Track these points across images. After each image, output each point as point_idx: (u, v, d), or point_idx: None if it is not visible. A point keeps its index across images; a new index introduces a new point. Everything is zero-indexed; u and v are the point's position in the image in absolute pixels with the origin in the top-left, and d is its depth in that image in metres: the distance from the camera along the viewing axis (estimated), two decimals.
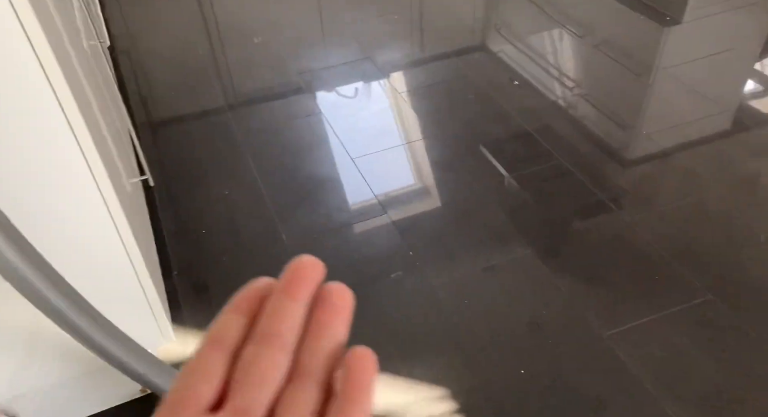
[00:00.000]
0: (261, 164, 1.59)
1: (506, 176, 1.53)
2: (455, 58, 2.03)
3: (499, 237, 1.34)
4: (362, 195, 1.49)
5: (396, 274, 1.27)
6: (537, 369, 1.06)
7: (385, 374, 1.07)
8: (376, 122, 1.75)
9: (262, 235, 1.38)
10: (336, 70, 1.98)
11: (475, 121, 1.73)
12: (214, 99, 1.86)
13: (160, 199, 1.49)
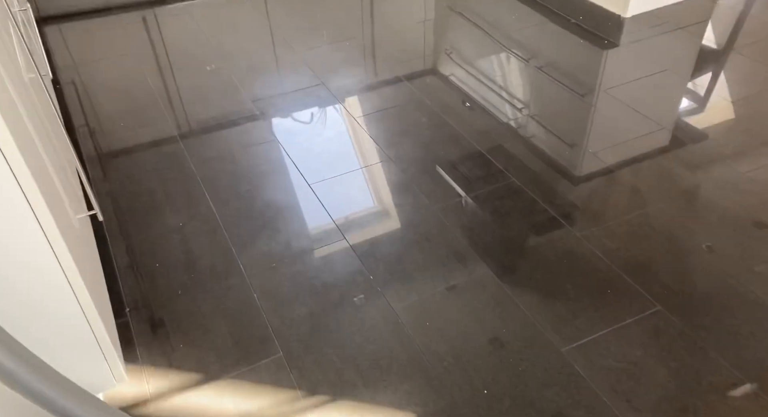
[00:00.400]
0: (216, 194, 1.56)
1: (462, 197, 1.56)
2: (407, 82, 2.08)
3: (458, 257, 1.36)
4: (320, 220, 1.49)
5: (357, 298, 1.26)
6: (499, 388, 1.07)
7: (348, 402, 1.05)
8: (332, 147, 1.76)
9: (219, 267, 1.35)
10: (290, 96, 1.99)
11: (430, 144, 1.76)
12: (165, 128, 1.83)
13: (111, 234, 1.44)
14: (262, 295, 1.28)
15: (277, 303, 1.26)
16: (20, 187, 0.76)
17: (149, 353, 1.15)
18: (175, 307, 1.25)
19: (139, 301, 1.27)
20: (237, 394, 1.08)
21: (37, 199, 0.79)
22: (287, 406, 1.06)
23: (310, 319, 1.22)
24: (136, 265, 1.36)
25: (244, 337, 1.19)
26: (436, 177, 1.63)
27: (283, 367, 1.12)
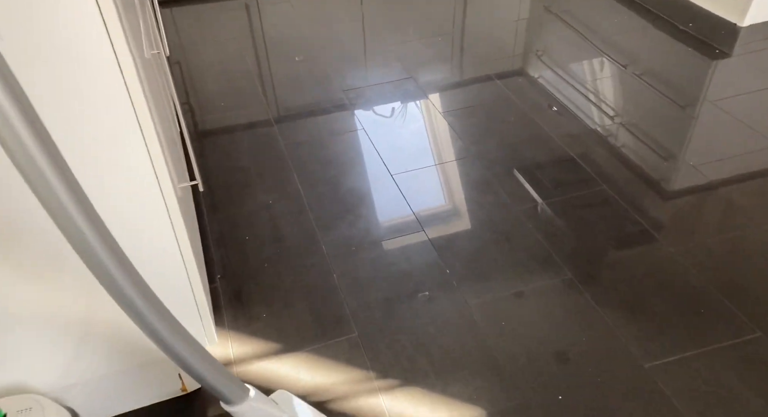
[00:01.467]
0: (304, 176, 1.63)
1: (545, 200, 1.53)
2: (495, 81, 2.06)
3: (539, 260, 1.34)
4: (400, 211, 1.52)
5: (432, 290, 1.28)
6: (575, 396, 1.05)
7: (419, 389, 1.07)
8: (416, 140, 1.79)
9: (302, 245, 1.41)
10: (379, 88, 2.03)
11: (516, 144, 1.74)
12: (261, 111, 1.93)
13: (207, 205, 1.54)
14: (340, 277, 1.33)
15: (355, 285, 1.30)
16: (148, 152, 0.83)
17: (235, 320, 1.23)
18: (260, 279, 1.32)
19: (228, 271, 1.35)
20: (312, 368, 1.13)
21: (160, 164, 0.86)
22: (359, 385, 1.09)
23: (386, 304, 1.25)
24: (228, 236, 1.45)
25: (321, 314, 1.24)
26: (520, 178, 1.61)
27: (357, 347, 1.16)
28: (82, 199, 0.54)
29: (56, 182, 0.51)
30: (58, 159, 0.51)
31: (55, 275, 0.84)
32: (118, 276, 0.58)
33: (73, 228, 0.53)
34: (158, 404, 1.06)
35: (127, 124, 0.79)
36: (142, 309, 0.61)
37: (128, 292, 0.59)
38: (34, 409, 0.83)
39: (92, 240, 0.55)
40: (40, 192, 0.51)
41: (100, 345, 0.94)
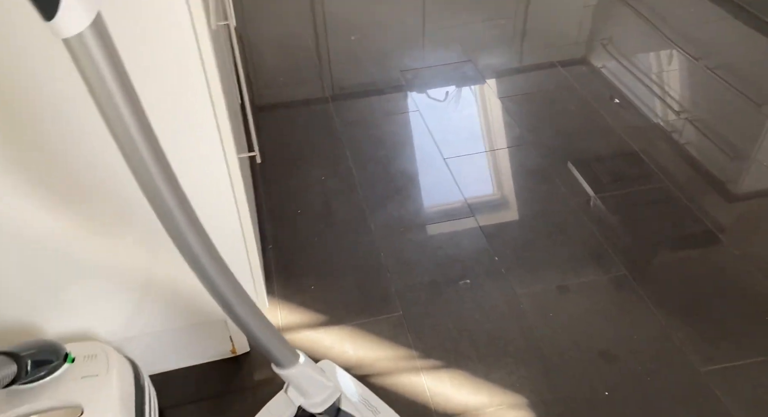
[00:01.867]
0: (357, 155, 1.64)
1: (603, 194, 1.49)
2: (557, 68, 2.00)
3: (593, 254, 1.31)
4: (451, 195, 1.50)
5: (480, 276, 1.27)
6: (622, 393, 1.03)
7: (461, 372, 1.08)
8: (471, 125, 1.76)
9: (352, 222, 1.43)
10: (437, 70, 2.01)
11: (575, 133, 1.69)
12: (318, 88, 1.94)
13: (261, 177, 1.57)
14: (387, 256, 1.33)
15: (401, 266, 1.31)
16: (216, 120, 0.86)
17: (284, 289, 1.26)
18: (310, 252, 1.35)
19: (278, 242, 1.38)
20: (356, 342, 1.15)
21: (226, 133, 0.88)
22: (402, 362, 1.11)
23: (431, 287, 1.25)
24: (280, 209, 1.48)
25: (367, 291, 1.25)
26: (578, 168, 1.57)
27: (401, 325, 1.17)
28: (162, 159, 0.56)
29: (140, 139, 0.53)
30: (142, 117, 0.53)
31: (122, 232, 0.88)
32: (190, 236, 0.61)
33: (154, 185, 0.56)
34: (209, 364, 1.10)
35: (199, 93, 0.81)
36: (209, 269, 0.64)
37: (198, 251, 0.62)
38: (99, 356, 0.88)
39: (170, 199, 0.57)
40: (127, 148, 0.53)
41: (159, 302, 0.99)
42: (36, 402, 0.81)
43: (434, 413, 1.01)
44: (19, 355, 0.77)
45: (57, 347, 0.85)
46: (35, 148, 0.76)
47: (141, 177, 0.55)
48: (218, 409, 1.03)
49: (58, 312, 0.91)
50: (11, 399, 0.81)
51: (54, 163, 0.78)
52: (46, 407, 0.80)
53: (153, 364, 1.05)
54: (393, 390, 1.05)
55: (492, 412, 1.01)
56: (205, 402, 1.04)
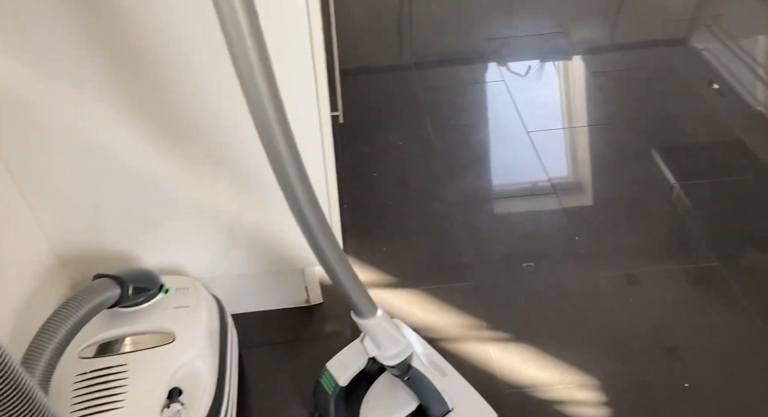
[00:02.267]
0: (436, 122, 1.62)
1: (697, 181, 1.39)
2: (656, 47, 1.86)
3: (681, 243, 1.24)
4: (532, 169, 1.46)
5: (557, 254, 1.23)
6: (706, 385, 0.98)
7: (529, 347, 1.06)
8: (559, 99, 1.69)
9: (427, 190, 1.42)
10: (526, 40, 1.93)
11: (674, 116, 1.59)
12: (402, 53, 1.92)
13: (342, 137, 1.59)
14: (462, 225, 1.32)
15: (476, 236, 1.29)
16: (315, 75, 0.86)
17: (357, 248, 1.28)
18: (384, 214, 1.36)
19: (354, 202, 1.40)
20: (426, 306, 1.16)
21: (322, 90, 0.89)
22: (470, 331, 1.10)
23: (506, 260, 1.23)
24: (357, 170, 1.49)
25: (440, 258, 1.25)
26: (671, 152, 1.47)
27: (471, 295, 1.17)
28: (280, 106, 0.57)
29: (264, 84, 0.54)
30: (268, 63, 0.55)
31: (216, 175, 0.92)
32: (296, 181, 0.62)
33: (270, 130, 0.57)
34: (284, 310, 1.15)
35: (303, 47, 0.81)
36: (309, 214, 0.65)
37: (302, 196, 0.64)
38: (190, 290, 0.93)
39: (282, 144, 0.59)
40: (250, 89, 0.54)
41: (244, 246, 1.03)
42: (133, 325, 0.88)
43: (500, 383, 1.01)
44: (123, 279, 0.83)
45: (154, 277, 0.91)
46: (151, 85, 0.80)
47: (260, 121, 0.57)
48: (290, 353, 1.07)
49: (155, 246, 0.98)
50: (113, 320, 0.88)
51: (166, 101, 0.82)
52: (143, 330, 0.87)
53: (235, 304, 1.11)
54: (459, 356, 1.06)
55: (560, 389, 0.99)
56: (279, 346, 1.08)
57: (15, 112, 0.79)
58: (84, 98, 0.79)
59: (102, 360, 0.82)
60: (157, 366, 0.82)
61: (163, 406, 0.78)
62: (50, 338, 0.71)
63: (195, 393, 0.82)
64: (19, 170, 0.85)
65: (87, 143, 0.84)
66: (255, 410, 0.98)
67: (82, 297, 0.77)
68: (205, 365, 0.85)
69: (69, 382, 0.79)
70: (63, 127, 0.82)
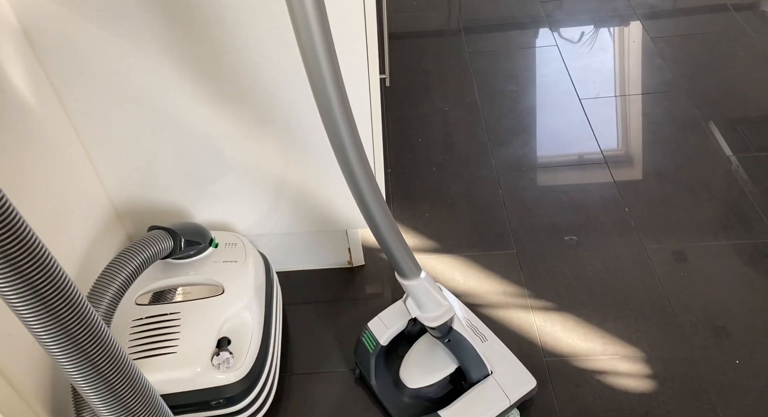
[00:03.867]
0: (484, 88, 1.58)
1: (762, 153, 1.31)
2: (720, 12, 1.74)
3: (740, 216, 1.18)
4: (583, 138, 1.41)
5: (605, 225, 1.20)
6: (756, 363, 0.95)
7: (573, 316, 1.05)
8: (616, 65, 1.61)
9: (472, 156, 1.39)
10: (582, 3, 1.83)
11: (736, 85, 1.49)
12: (451, 16, 1.86)
13: (387, 102, 1.58)
14: (506, 194, 1.30)
15: (520, 205, 1.27)
16: (366, 40, 0.85)
17: (400, 212, 1.28)
18: (428, 180, 1.35)
19: (397, 166, 1.40)
20: (467, 272, 1.15)
21: (373, 52, 0.88)
22: (512, 298, 1.10)
23: (551, 229, 1.21)
24: (402, 134, 1.48)
25: (482, 225, 1.24)
26: (736, 123, 1.39)
27: (514, 263, 1.15)
28: (337, 69, 0.57)
29: (320, 41, 0.54)
30: (327, 24, 0.54)
31: (263, 136, 0.93)
32: (350, 144, 0.62)
33: (325, 86, 0.57)
34: (327, 270, 1.17)
35: (355, 10, 0.80)
36: (360, 176, 0.65)
37: (354, 159, 0.64)
38: (238, 245, 0.96)
39: (338, 109, 0.59)
40: (307, 46, 0.54)
41: (289, 206, 1.05)
42: (185, 276, 0.91)
43: (542, 351, 1.00)
44: (176, 232, 0.86)
45: (205, 232, 0.94)
46: (205, 42, 0.80)
47: (315, 79, 0.57)
48: (332, 312, 1.09)
49: (206, 202, 1.00)
50: (166, 270, 0.92)
51: (221, 60, 0.82)
52: (194, 281, 0.90)
53: (280, 262, 1.14)
54: (500, 323, 1.06)
55: (604, 360, 0.98)
56: (321, 304, 1.11)
57: (79, 66, 0.81)
58: (143, 55, 0.81)
59: (157, 307, 0.86)
60: (207, 316, 0.85)
61: (213, 353, 0.82)
62: (109, 283, 0.75)
63: (242, 343, 0.85)
64: (81, 125, 0.88)
65: (144, 99, 0.86)
66: (297, 363, 1.02)
67: (138, 247, 0.80)
68: (252, 318, 0.88)
69: (126, 326, 0.84)
70: (122, 83, 0.84)
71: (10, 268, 0.45)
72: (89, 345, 0.52)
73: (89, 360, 0.53)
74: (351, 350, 1.00)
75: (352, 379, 0.99)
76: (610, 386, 0.95)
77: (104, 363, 0.54)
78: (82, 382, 0.55)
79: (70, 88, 0.84)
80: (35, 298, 0.47)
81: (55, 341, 0.50)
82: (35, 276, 0.46)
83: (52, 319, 0.49)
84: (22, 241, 0.45)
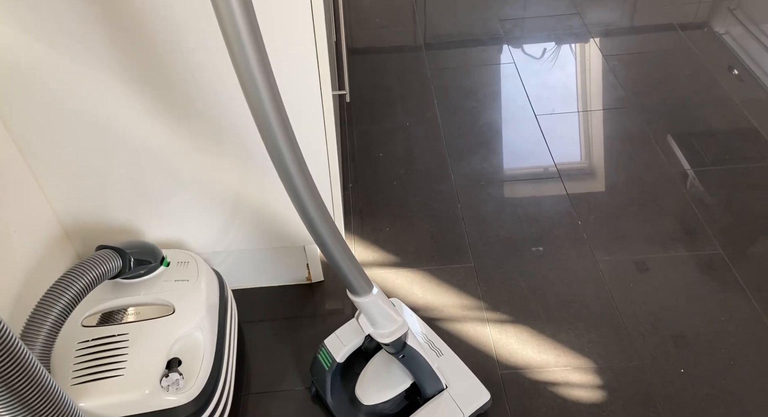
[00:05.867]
0: (445, 103, 1.61)
1: (709, 167, 1.37)
2: (674, 31, 1.82)
3: (686, 230, 1.22)
4: (538, 153, 1.45)
5: (558, 238, 1.23)
6: (700, 373, 0.98)
7: (527, 328, 1.06)
8: (570, 82, 1.66)
9: (432, 171, 1.42)
10: (540, 21, 1.89)
11: (684, 101, 1.55)
12: (412, 33, 1.90)
13: (348, 117, 1.59)
14: (465, 207, 1.32)
15: (478, 219, 1.29)
16: (317, 53, 0.86)
17: (360, 227, 1.29)
18: (388, 195, 1.36)
19: (359, 182, 1.41)
20: (426, 286, 1.16)
21: (324, 69, 0.88)
22: (469, 311, 1.11)
23: (507, 243, 1.23)
24: (363, 150, 1.49)
25: (441, 239, 1.25)
26: (684, 138, 1.45)
27: (472, 276, 1.17)
28: (273, 84, 0.57)
29: (256, 65, 0.54)
30: (260, 41, 0.55)
31: (219, 152, 0.92)
32: (290, 159, 0.63)
33: (262, 107, 0.58)
34: (285, 286, 1.16)
35: (304, 24, 0.81)
36: (303, 192, 0.66)
37: (295, 174, 0.64)
38: (190, 264, 0.95)
39: (275, 122, 0.59)
40: (242, 69, 0.55)
41: (245, 222, 1.04)
42: (135, 296, 0.90)
43: (497, 364, 1.01)
44: (125, 251, 0.85)
45: (155, 250, 0.92)
46: (154, 60, 0.80)
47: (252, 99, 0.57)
48: (290, 329, 1.09)
49: (158, 220, 0.99)
50: (114, 290, 0.90)
51: (170, 77, 0.82)
52: (143, 301, 0.89)
53: (236, 280, 1.13)
54: (457, 336, 1.07)
55: (556, 371, 1.00)
56: (279, 321, 1.10)
57: (22, 85, 0.80)
58: (91, 71, 0.80)
59: (104, 329, 0.84)
60: (156, 336, 0.84)
61: (162, 375, 0.80)
62: (53, 305, 0.73)
63: (193, 364, 0.84)
64: (25, 142, 0.86)
65: (93, 116, 0.85)
66: (254, 383, 1.00)
67: (85, 267, 0.79)
68: (204, 337, 0.87)
69: (72, 348, 0.82)
70: (69, 100, 0.82)
71: None
72: (22, 386, 0.51)
73: (21, 400, 0.51)
74: (308, 368, 1.00)
75: (308, 398, 0.98)
76: (562, 397, 0.96)
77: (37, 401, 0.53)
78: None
79: (12, 106, 0.82)
80: None
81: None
82: None
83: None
84: None
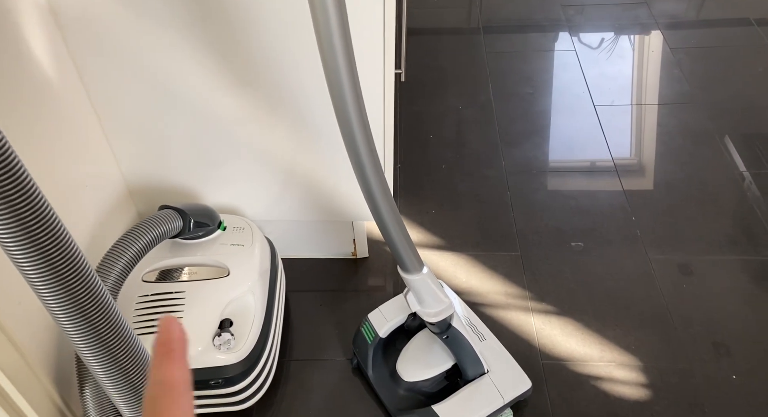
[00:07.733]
0: (499, 88, 1.58)
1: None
2: (746, 26, 1.72)
3: (746, 233, 1.17)
4: (595, 145, 1.41)
5: (611, 233, 1.20)
6: (755, 381, 0.95)
7: (572, 321, 1.05)
8: (633, 74, 1.60)
9: (483, 156, 1.40)
10: (604, 9, 1.82)
11: (754, 99, 1.48)
12: (471, 15, 1.86)
13: (402, 97, 1.58)
14: (514, 195, 1.30)
15: (527, 207, 1.27)
16: (384, 34, 0.85)
17: (407, 207, 1.29)
18: (436, 177, 1.35)
19: (407, 162, 1.40)
20: (470, 271, 1.16)
21: (389, 47, 0.88)
22: (513, 299, 1.10)
23: (557, 234, 1.21)
24: (414, 130, 1.48)
25: (488, 225, 1.24)
26: (751, 137, 1.38)
27: (518, 265, 1.16)
28: (351, 57, 0.58)
29: (339, 41, 0.55)
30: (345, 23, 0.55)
31: (275, 122, 0.93)
32: (360, 135, 0.63)
33: (339, 78, 0.58)
34: (331, 260, 1.18)
35: (375, 6, 0.80)
36: (368, 166, 0.66)
37: (363, 149, 0.64)
38: (245, 230, 0.98)
39: (349, 95, 0.59)
40: (324, 37, 0.55)
41: (298, 194, 1.06)
42: (192, 256, 0.93)
43: (539, 354, 1.01)
44: (186, 212, 0.87)
45: (214, 214, 0.95)
46: (224, 24, 0.81)
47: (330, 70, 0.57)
48: (334, 301, 1.11)
49: (216, 184, 1.02)
50: (174, 249, 0.93)
51: (238, 43, 0.83)
52: (200, 262, 0.92)
53: (284, 249, 1.15)
54: (500, 323, 1.06)
55: (600, 366, 0.99)
56: (323, 293, 1.12)
57: (101, 45, 0.82)
58: (164, 35, 0.81)
59: (163, 285, 0.88)
60: (211, 297, 0.87)
61: (215, 333, 0.83)
62: (118, 258, 0.76)
63: (244, 326, 0.86)
64: (99, 101, 0.89)
65: (162, 79, 0.87)
66: (297, 349, 1.03)
67: (148, 225, 0.82)
68: (255, 301, 0.89)
69: (132, 301, 0.85)
70: (142, 62, 0.85)
71: (12, 216, 0.45)
72: (94, 312, 0.53)
73: (94, 327, 0.54)
74: (350, 340, 1.02)
75: (349, 369, 1.00)
76: (605, 392, 0.95)
77: (108, 332, 0.56)
78: (86, 349, 0.56)
79: (90, 64, 0.85)
80: (37, 252, 0.47)
81: (60, 304, 0.51)
82: (35, 227, 0.46)
83: (56, 280, 0.49)
84: (22, 189, 0.45)
